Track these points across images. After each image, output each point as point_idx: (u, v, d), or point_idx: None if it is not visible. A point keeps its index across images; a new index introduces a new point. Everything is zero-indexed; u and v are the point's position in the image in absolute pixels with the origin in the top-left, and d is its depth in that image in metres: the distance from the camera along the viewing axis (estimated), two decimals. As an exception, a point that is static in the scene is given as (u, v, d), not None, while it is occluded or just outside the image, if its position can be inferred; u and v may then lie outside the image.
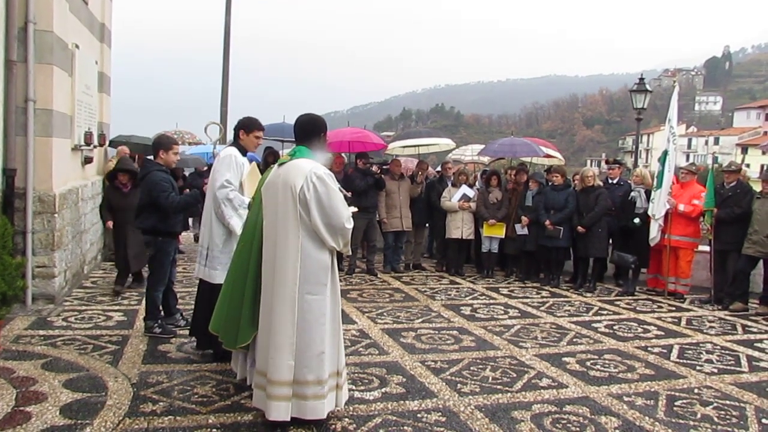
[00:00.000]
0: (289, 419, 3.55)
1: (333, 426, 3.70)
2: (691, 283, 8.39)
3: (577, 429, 3.84)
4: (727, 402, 4.42)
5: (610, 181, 9.03)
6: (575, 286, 8.69)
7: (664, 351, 5.69)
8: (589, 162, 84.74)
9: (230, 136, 5.21)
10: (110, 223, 7.34)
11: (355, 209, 4.00)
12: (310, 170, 3.62)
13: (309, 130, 3.89)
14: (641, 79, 15.56)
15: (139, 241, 6.33)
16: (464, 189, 9.36)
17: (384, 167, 9.55)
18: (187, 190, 6.44)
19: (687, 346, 5.88)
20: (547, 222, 8.45)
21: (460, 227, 9.27)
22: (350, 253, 5.25)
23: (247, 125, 4.99)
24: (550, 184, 8.92)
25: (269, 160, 8.63)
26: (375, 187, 9.03)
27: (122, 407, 3.86)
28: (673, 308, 7.66)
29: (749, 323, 6.97)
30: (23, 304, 6.07)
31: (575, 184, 8.97)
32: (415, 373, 4.73)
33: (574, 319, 6.87)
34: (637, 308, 7.55)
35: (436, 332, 6.01)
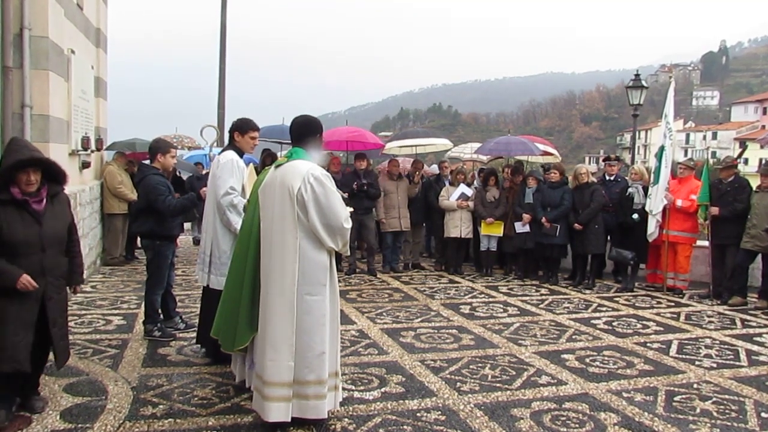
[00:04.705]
0: (289, 419, 3.56)
1: (333, 426, 3.71)
2: (690, 278, 8.41)
3: (577, 425, 3.85)
4: (727, 396, 4.43)
5: (607, 178, 9.04)
6: (574, 283, 8.71)
7: (663, 346, 5.70)
8: (587, 159, 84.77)
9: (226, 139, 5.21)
10: (26, 279, 3.48)
11: (352, 209, 4.02)
12: (307, 171, 3.63)
13: (305, 132, 3.91)
14: (637, 75, 15.57)
15: (64, 306, 3.84)
16: (462, 188, 9.37)
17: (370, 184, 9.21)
18: (177, 195, 5.74)
19: (686, 341, 5.89)
20: (544, 219, 8.48)
21: (458, 226, 9.28)
22: (349, 253, 5.25)
23: (242, 126, 4.98)
24: (547, 182, 8.93)
25: (267, 161, 8.64)
26: (367, 197, 8.98)
27: (122, 411, 3.87)
28: (672, 304, 7.67)
29: (748, 317, 6.98)
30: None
31: (570, 181, 8.99)
32: (415, 373, 4.74)
33: (573, 316, 6.88)
34: (636, 304, 7.56)
35: (436, 331, 6.02)
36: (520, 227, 8.89)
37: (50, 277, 3.69)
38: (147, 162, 5.83)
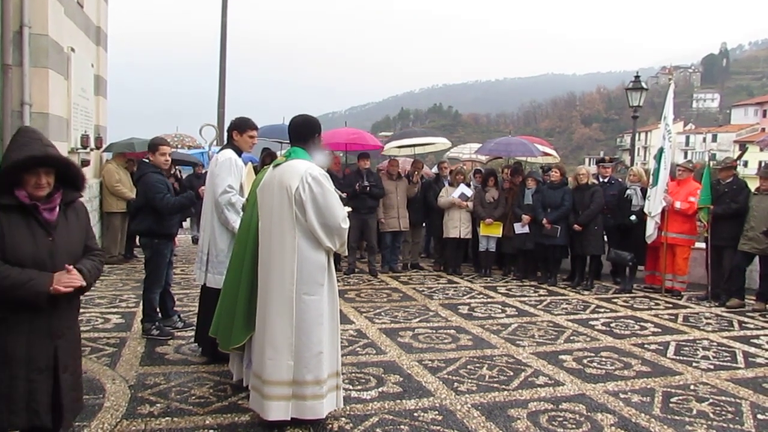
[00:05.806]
0: (288, 418, 3.57)
1: (330, 425, 3.71)
2: (688, 280, 8.41)
3: (573, 426, 3.85)
4: (723, 398, 4.44)
5: (601, 180, 9.03)
6: (573, 284, 8.72)
7: (661, 348, 5.71)
8: (587, 160, 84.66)
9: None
10: (62, 280, 2.69)
11: (350, 209, 4.02)
12: (305, 171, 3.64)
13: (303, 131, 3.91)
14: (637, 77, 15.58)
15: (77, 346, 2.98)
16: (462, 188, 9.37)
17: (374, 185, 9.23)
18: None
19: (683, 343, 5.90)
20: (545, 221, 8.48)
21: (457, 226, 9.29)
22: (347, 253, 5.25)
23: (240, 125, 4.98)
24: (547, 182, 8.94)
25: (266, 161, 8.64)
26: (371, 197, 8.99)
27: (120, 409, 3.87)
28: (670, 305, 7.68)
29: (745, 319, 6.99)
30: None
31: (570, 182, 9.00)
32: (412, 373, 4.74)
33: (571, 317, 6.88)
34: (634, 305, 7.56)
35: (434, 331, 6.03)
36: (520, 228, 8.90)
37: (61, 306, 2.75)
38: (146, 160, 5.83)
